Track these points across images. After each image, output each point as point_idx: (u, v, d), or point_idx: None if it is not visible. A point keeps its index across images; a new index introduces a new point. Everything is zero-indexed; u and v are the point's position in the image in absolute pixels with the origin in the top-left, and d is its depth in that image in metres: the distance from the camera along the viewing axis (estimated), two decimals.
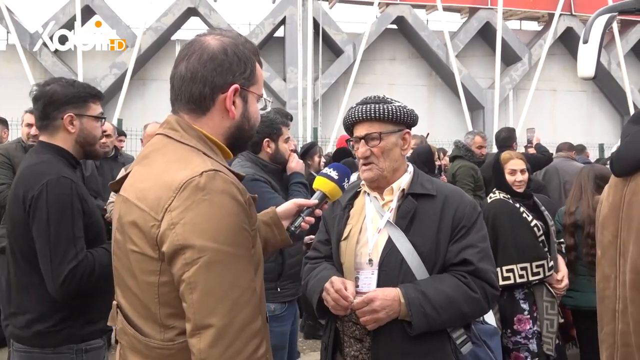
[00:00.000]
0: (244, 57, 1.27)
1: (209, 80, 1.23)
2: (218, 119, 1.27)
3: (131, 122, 10.00)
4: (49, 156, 1.99)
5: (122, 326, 1.27)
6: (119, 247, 1.25)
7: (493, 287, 1.75)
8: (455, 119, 16.19)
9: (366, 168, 1.84)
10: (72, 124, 2.03)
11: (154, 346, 1.19)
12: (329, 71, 15.52)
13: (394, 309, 1.66)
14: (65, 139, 2.03)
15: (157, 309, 1.18)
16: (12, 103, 11.44)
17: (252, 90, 1.30)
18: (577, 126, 16.47)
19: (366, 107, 1.82)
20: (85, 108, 2.07)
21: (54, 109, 2.03)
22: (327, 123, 15.45)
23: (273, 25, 15.50)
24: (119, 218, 1.25)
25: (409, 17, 15.74)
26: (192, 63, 1.24)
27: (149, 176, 1.21)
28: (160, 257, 1.14)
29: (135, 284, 1.20)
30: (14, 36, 14.15)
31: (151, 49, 15.24)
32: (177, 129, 1.25)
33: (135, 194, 1.20)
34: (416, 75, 16.97)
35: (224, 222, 1.12)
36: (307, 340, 4.87)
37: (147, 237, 1.15)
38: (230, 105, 1.26)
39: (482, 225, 1.82)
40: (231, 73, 1.25)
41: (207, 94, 1.24)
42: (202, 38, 1.28)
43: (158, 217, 1.13)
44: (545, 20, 17.28)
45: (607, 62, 16.32)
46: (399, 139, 1.84)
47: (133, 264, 1.19)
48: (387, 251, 1.76)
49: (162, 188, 1.14)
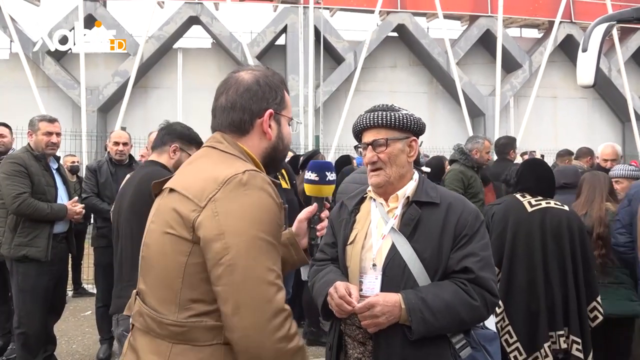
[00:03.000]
0: (274, 86, 1.46)
1: (247, 108, 1.42)
2: (257, 140, 1.44)
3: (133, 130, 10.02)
4: (158, 167, 2.77)
5: (138, 309, 1.37)
6: (151, 235, 1.38)
7: (493, 294, 1.78)
8: (456, 126, 16.24)
9: (374, 174, 1.89)
10: (175, 152, 2.85)
11: (166, 323, 1.29)
12: (330, 79, 15.59)
13: (394, 314, 1.71)
14: (167, 160, 2.84)
15: (179, 289, 1.28)
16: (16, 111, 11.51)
17: (283, 114, 1.48)
18: (577, 133, 16.50)
19: (373, 114, 1.88)
20: (189, 147, 2.87)
21: (169, 138, 2.86)
22: (328, 130, 15.50)
23: (274, 33, 15.60)
24: (155, 211, 1.41)
25: (410, 24, 15.83)
26: (231, 95, 1.43)
27: (195, 173, 1.36)
28: (194, 239, 1.26)
29: (165, 264, 1.31)
30: (17, 45, 14.24)
31: (153, 57, 15.33)
32: (222, 141, 1.42)
33: (181, 184, 1.34)
34: (417, 82, 17.04)
35: (263, 214, 1.26)
36: (309, 347, 4.88)
37: (184, 220, 1.27)
38: (267, 128, 1.44)
39: (484, 234, 1.85)
40: (265, 100, 1.43)
41: (246, 120, 1.42)
42: (236, 74, 1.48)
43: (201, 204, 1.26)
44: (546, 27, 17.37)
45: (608, 69, 16.38)
46: (405, 145, 1.89)
47: (167, 246, 1.31)
48: (390, 257, 1.80)
49: (208, 181, 1.29)
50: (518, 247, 3.20)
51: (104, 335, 4.60)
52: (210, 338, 1.26)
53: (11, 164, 3.77)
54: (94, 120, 14.56)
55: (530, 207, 3.25)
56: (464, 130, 15.61)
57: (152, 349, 1.31)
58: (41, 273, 3.79)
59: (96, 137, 13.24)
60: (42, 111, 12.06)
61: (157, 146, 2.88)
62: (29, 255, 3.72)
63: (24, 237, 3.74)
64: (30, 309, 3.78)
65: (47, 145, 3.89)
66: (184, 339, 1.27)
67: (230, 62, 15.88)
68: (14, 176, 3.73)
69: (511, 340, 3.18)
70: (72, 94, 14.67)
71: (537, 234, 3.18)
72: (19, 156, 3.83)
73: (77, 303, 6.31)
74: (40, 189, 3.81)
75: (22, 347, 3.78)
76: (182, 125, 2.96)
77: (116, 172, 4.64)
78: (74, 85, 14.69)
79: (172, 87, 15.99)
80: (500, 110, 16.32)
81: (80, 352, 4.77)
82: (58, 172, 4.08)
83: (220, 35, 15.24)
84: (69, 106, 14.95)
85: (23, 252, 3.72)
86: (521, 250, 3.20)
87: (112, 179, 4.60)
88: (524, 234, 3.21)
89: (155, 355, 1.30)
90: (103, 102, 14.78)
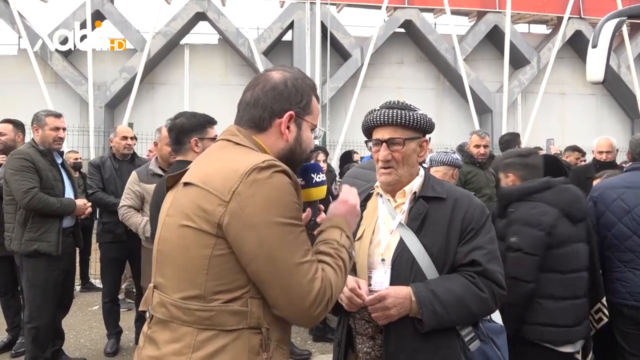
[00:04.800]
0: (302, 90, 1.47)
1: (268, 106, 1.43)
2: (273, 139, 1.44)
3: (141, 126, 10.10)
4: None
5: (159, 300, 1.37)
6: (169, 229, 1.38)
7: (500, 287, 1.80)
8: (464, 123, 16.17)
9: (385, 172, 1.88)
10: (197, 145, 2.85)
11: (193, 308, 1.30)
12: (336, 75, 15.56)
13: (405, 306, 1.72)
14: (194, 156, 2.71)
15: (204, 280, 1.29)
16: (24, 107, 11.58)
17: (307, 119, 1.48)
18: (586, 130, 16.37)
19: (392, 112, 1.85)
20: (205, 132, 2.90)
21: (183, 136, 2.86)
22: (335, 127, 15.49)
23: (281, 29, 15.58)
24: (171, 204, 1.41)
25: (417, 20, 15.76)
26: (257, 92, 1.45)
27: (213, 165, 1.37)
28: (218, 233, 1.28)
29: (187, 258, 1.32)
30: (25, 41, 14.31)
31: (160, 54, 15.35)
32: (237, 134, 1.43)
33: (199, 178, 1.34)
34: (424, 78, 16.98)
35: (287, 198, 1.30)
36: (316, 343, 4.89)
37: (209, 215, 1.29)
38: (285, 129, 1.44)
39: (490, 228, 1.87)
40: (288, 102, 1.44)
41: (265, 117, 1.43)
42: (268, 72, 1.49)
43: (225, 198, 1.27)
44: (554, 23, 17.24)
45: (617, 65, 16.24)
46: (417, 146, 1.90)
47: (188, 239, 1.32)
48: (398, 251, 1.81)
49: (229, 173, 1.30)
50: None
51: (111, 330, 4.63)
52: (236, 322, 1.28)
53: (18, 159, 3.79)
54: (101, 116, 14.62)
55: None
56: (471, 127, 15.52)
57: (174, 338, 1.30)
58: (51, 268, 3.82)
59: (103, 133, 13.28)
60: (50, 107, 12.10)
61: (178, 149, 2.94)
62: (40, 249, 3.75)
63: (34, 232, 3.76)
64: (40, 303, 3.81)
65: (55, 140, 3.91)
66: (211, 324, 1.28)
67: (237, 58, 15.89)
68: (22, 171, 3.74)
69: None
70: (80, 90, 14.74)
71: None
72: (25, 152, 3.84)
73: (84, 298, 6.35)
74: (48, 183, 3.83)
75: (32, 341, 3.81)
76: (185, 116, 2.96)
77: (120, 167, 4.67)
78: (81, 81, 14.76)
79: (179, 83, 16.02)
80: (508, 107, 16.23)
81: (88, 347, 4.80)
82: (63, 167, 4.10)
83: (227, 32, 15.25)
84: (76, 102, 15.02)
85: (34, 247, 3.74)
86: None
87: (116, 175, 4.62)
88: None
89: (178, 344, 1.29)
90: (110, 98, 14.84)
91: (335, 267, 1.37)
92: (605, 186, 3.40)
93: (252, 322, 1.29)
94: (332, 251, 1.40)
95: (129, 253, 4.52)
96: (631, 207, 3.17)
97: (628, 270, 3.18)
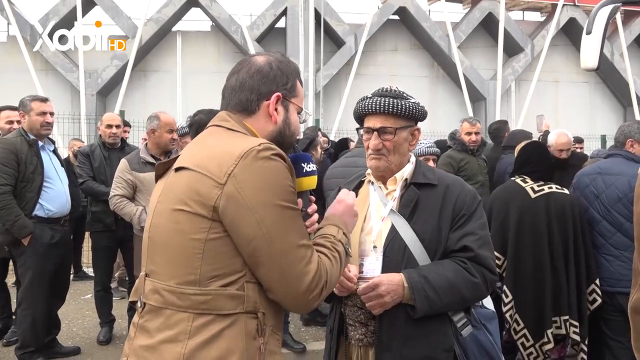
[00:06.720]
0: (287, 72, 1.47)
1: (255, 89, 1.42)
2: (263, 122, 1.44)
3: (133, 114, 9.99)
4: None
5: (152, 287, 1.35)
6: (160, 215, 1.37)
7: (492, 272, 1.81)
8: (457, 110, 16.16)
9: (375, 156, 1.87)
10: None
11: (189, 293, 1.28)
12: (330, 62, 15.49)
13: (398, 293, 1.72)
14: None
15: (199, 265, 1.28)
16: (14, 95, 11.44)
17: (293, 101, 1.49)
18: (579, 117, 16.44)
19: (384, 100, 1.83)
20: None
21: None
22: (328, 114, 15.44)
23: (274, 16, 15.46)
24: (162, 191, 1.40)
25: (411, 7, 15.68)
26: (242, 75, 1.44)
27: (207, 149, 1.36)
28: (213, 216, 1.27)
29: (181, 242, 1.31)
30: (14, 27, 14.12)
31: (152, 40, 15.21)
32: (228, 119, 1.42)
33: (193, 162, 1.33)
34: (418, 66, 16.93)
35: (283, 181, 1.30)
36: (308, 329, 4.91)
37: (204, 198, 1.27)
38: (273, 110, 1.44)
39: (481, 214, 1.87)
40: (275, 83, 1.44)
41: (253, 100, 1.43)
42: (251, 57, 1.49)
43: (221, 181, 1.26)
44: (548, 10, 17.20)
45: (610, 53, 16.26)
46: (409, 134, 1.89)
47: (182, 224, 1.30)
48: (390, 238, 1.81)
49: (224, 156, 1.29)
50: (524, 233, 3.20)
51: (104, 319, 4.62)
52: (233, 306, 1.27)
53: (3, 150, 3.70)
54: (93, 104, 14.50)
55: (533, 193, 3.24)
56: (465, 114, 15.50)
57: (168, 325, 1.28)
58: (47, 256, 3.80)
59: (95, 120, 13.14)
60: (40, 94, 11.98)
61: None
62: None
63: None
64: (35, 292, 3.79)
65: (42, 125, 3.83)
66: (208, 308, 1.27)
67: (230, 46, 15.76)
68: (2, 164, 3.67)
69: (518, 327, 3.19)
70: (71, 77, 14.59)
71: (543, 219, 3.18)
72: (12, 142, 3.75)
73: (77, 286, 6.33)
74: (26, 176, 3.75)
75: (28, 330, 3.79)
76: (203, 112, 3.06)
77: (109, 156, 4.60)
78: (72, 68, 14.60)
79: (171, 70, 15.89)
80: (502, 95, 16.25)
81: (81, 335, 4.79)
82: (55, 154, 4.03)
83: (220, 18, 15.11)
84: (67, 89, 14.88)
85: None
86: (528, 236, 3.20)
87: (106, 163, 4.56)
88: (529, 220, 3.20)
89: (172, 331, 1.27)
90: (102, 86, 14.71)
91: (331, 257, 1.37)
92: (581, 173, 3.47)
93: (249, 306, 1.29)
94: (329, 244, 1.40)
95: (120, 242, 4.50)
96: (599, 192, 3.21)
97: (600, 255, 3.22)
